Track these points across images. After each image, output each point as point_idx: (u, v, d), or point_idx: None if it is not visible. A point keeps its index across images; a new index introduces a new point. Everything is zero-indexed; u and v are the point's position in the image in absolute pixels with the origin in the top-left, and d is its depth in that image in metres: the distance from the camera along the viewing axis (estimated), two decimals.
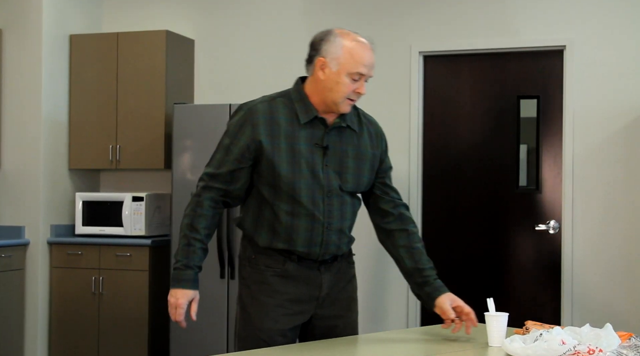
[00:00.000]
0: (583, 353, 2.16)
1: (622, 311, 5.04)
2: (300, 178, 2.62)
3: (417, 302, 5.49)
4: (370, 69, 2.63)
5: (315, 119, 2.66)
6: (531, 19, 5.29)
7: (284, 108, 2.67)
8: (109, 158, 5.80)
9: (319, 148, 2.65)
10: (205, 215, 2.68)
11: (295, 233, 2.66)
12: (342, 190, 2.69)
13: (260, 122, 2.63)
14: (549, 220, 5.26)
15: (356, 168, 2.72)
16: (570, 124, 5.19)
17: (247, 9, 5.91)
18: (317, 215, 2.65)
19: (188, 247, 2.70)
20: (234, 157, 2.65)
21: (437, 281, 2.82)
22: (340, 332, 2.78)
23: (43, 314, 5.64)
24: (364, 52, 2.61)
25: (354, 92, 2.62)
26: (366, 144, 2.75)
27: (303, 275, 2.71)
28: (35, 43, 5.62)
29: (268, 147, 2.61)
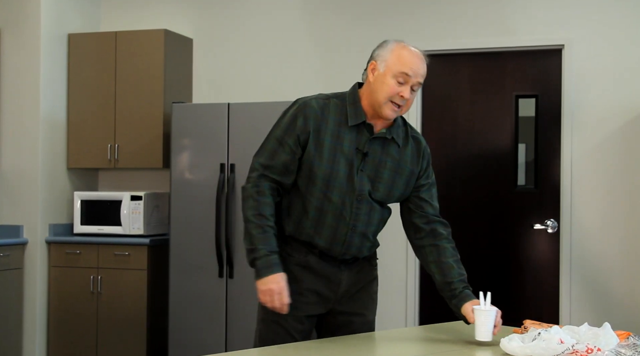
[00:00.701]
0: (581, 352, 2.16)
1: (620, 311, 5.05)
2: (336, 177, 2.68)
3: (415, 301, 5.49)
4: (416, 74, 2.66)
5: (363, 124, 2.71)
6: (530, 19, 5.29)
7: (336, 108, 2.72)
8: (108, 157, 5.79)
9: (359, 153, 2.70)
10: (269, 203, 2.71)
11: (320, 228, 2.72)
12: (371, 197, 2.73)
13: (311, 115, 2.69)
14: (548, 220, 5.26)
15: (390, 180, 2.75)
16: (568, 123, 5.19)
17: (246, 8, 5.91)
18: (344, 215, 2.71)
19: (264, 234, 2.67)
20: (288, 149, 2.69)
21: (463, 291, 2.80)
22: (356, 329, 2.83)
23: (41, 313, 5.63)
24: (412, 57, 2.68)
25: (398, 96, 2.64)
26: (407, 160, 2.78)
27: (323, 269, 2.77)
28: (34, 42, 5.62)
29: (313, 140, 2.67)
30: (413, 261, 5.47)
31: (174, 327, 5.29)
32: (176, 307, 5.28)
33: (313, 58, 5.70)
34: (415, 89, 2.68)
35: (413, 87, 2.66)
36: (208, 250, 5.20)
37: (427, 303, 5.51)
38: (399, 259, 5.50)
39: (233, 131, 5.20)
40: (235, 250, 5.13)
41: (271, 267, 2.65)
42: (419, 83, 2.68)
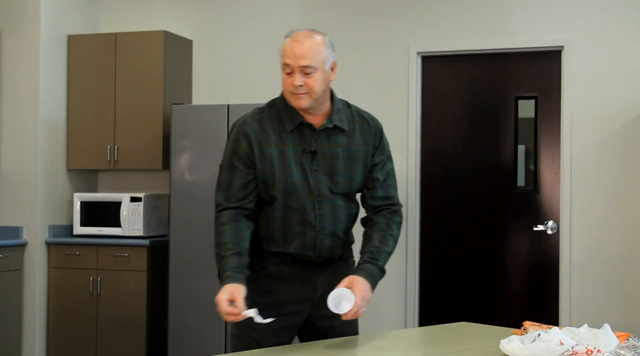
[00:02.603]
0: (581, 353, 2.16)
1: (620, 312, 5.05)
2: (291, 185, 2.66)
3: (415, 303, 5.49)
4: (295, 58, 2.59)
5: (302, 125, 2.69)
6: (529, 20, 5.29)
7: (272, 117, 2.72)
8: (107, 158, 5.79)
9: (308, 154, 2.68)
10: (226, 229, 2.67)
11: (289, 237, 2.71)
12: (333, 193, 2.70)
13: (250, 134, 2.69)
14: (547, 221, 5.26)
15: (347, 169, 2.72)
16: (568, 124, 5.19)
17: (245, 9, 5.91)
18: (308, 220, 2.69)
19: (222, 261, 2.63)
20: (240, 173, 2.70)
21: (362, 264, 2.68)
22: (339, 332, 2.78)
23: (41, 314, 5.63)
24: (290, 44, 2.62)
25: (292, 86, 2.61)
26: (358, 142, 2.75)
27: (297, 276, 2.75)
28: (33, 43, 5.62)
29: (259, 156, 2.67)
30: (413, 262, 5.47)
31: (173, 328, 5.29)
32: (176, 308, 5.28)
33: None
34: (308, 72, 2.60)
35: (305, 71, 2.59)
36: (208, 251, 5.15)
37: (427, 304, 5.51)
38: (399, 260, 5.50)
39: None
40: None
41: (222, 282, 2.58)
42: (307, 66, 2.59)
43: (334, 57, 2.69)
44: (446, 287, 5.47)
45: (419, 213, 5.51)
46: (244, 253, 2.66)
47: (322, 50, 2.64)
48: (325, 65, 2.64)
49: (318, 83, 2.63)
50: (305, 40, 2.62)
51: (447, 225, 5.49)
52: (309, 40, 2.62)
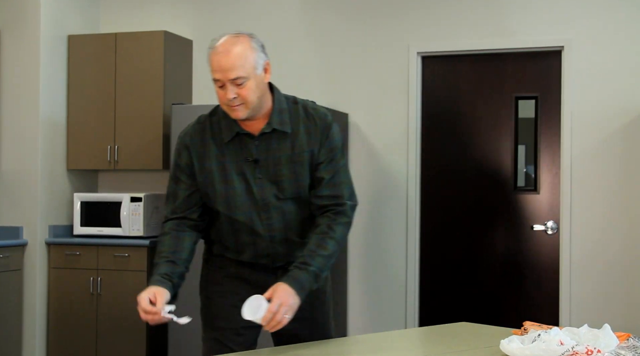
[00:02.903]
0: (581, 353, 2.16)
1: (620, 312, 5.05)
2: (235, 196, 2.59)
3: (415, 303, 5.49)
4: (224, 72, 2.47)
5: (239, 134, 2.59)
6: (529, 20, 5.29)
7: (212, 127, 2.63)
8: (107, 158, 5.79)
9: (249, 162, 2.58)
10: (166, 239, 2.64)
11: (241, 247, 2.67)
12: (281, 200, 2.60)
13: (190, 145, 2.62)
14: (547, 221, 5.26)
15: (292, 174, 2.59)
16: (568, 125, 5.19)
17: (245, 9, 5.91)
18: (257, 230, 2.62)
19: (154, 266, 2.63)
20: (184, 185, 2.64)
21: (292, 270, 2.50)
22: (305, 335, 2.70)
23: (41, 315, 5.63)
24: (216, 57, 2.48)
25: (225, 99, 2.50)
26: (302, 143, 2.60)
27: (257, 279, 2.69)
28: (33, 43, 5.62)
29: (199, 169, 2.61)
30: (413, 262, 5.47)
31: (173, 329, 5.28)
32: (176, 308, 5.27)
33: (312, 59, 5.70)
34: (240, 83, 2.47)
35: (236, 83, 2.47)
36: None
37: (427, 304, 5.51)
38: (399, 260, 5.50)
39: None
40: None
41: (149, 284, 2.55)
42: (236, 77, 2.46)
43: (265, 58, 2.56)
44: (446, 287, 5.47)
45: (419, 213, 5.51)
46: (179, 262, 2.61)
47: (250, 56, 2.49)
48: (256, 70, 2.51)
49: (252, 91, 2.50)
50: (231, 50, 2.47)
51: (447, 225, 5.50)
52: (234, 49, 2.47)
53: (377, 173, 5.58)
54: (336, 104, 5.59)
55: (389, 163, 5.54)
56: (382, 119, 5.58)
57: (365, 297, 5.56)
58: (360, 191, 5.58)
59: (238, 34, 2.54)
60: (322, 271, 2.51)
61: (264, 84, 2.56)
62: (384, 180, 5.57)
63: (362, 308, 5.57)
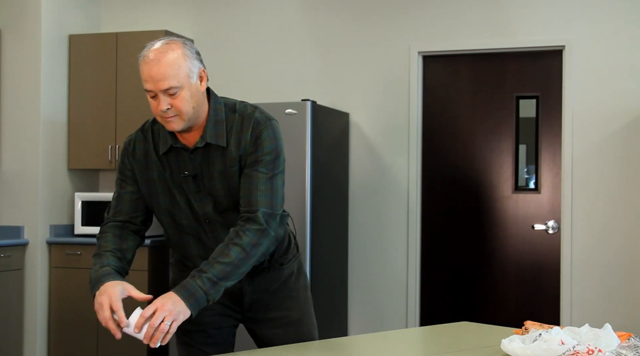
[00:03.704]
0: (582, 353, 2.16)
1: (621, 311, 5.05)
2: (179, 209, 2.49)
3: (416, 302, 5.49)
4: (155, 82, 2.34)
5: (173, 148, 2.45)
6: (530, 19, 5.29)
7: (154, 136, 2.50)
8: (108, 158, 5.80)
9: (188, 177, 2.45)
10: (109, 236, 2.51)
11: (196, 259, 2.55)
12: (221, 213, 2.48)
13: (135, 154, 2.51)
14: (548, 220, 5.26)
15: (226, 189, 2.45)
16: (569, 124, 5.19)
17: (246, 8, 5.91)
18: (205, 242, 2.52)
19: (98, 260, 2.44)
20: (130, 188, 2.53)
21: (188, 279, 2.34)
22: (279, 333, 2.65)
23: (42, 314, 5.63)
24: (147, 66, 2.38)
25: (159, 110, 2.35)
26: (232, 157, 2.43)
27: None
28: (34, 43, 5.62)
29: (142, 179, 2.51)
30: (414, 262, 5.47)
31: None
32: None
33: (313, 58, 5.70)
34: (173, 93, 2.32)
35: (169, 93, 2.33)
36: None
37: (428, 303, 5.51)
38: (400, 260, 5.50)
39: None
40: None
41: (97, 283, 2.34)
42: (169, 87, 2.32)
43: (199, 65, 2.40)
44: (447, 287, 5.47)
45: (420, 212, 5.51)
46: (123, 260, 2.49)
47: (183, 65, 2.34)
48: (190, 79, 2.35)
49: (186, 102, 2.33)
50: (161, 59, 2.34)
51: (448, 225, 5.50)
52: (165, 58, 2.34)
53: (377, 172, 5.58)
54: (337, 104, 5.59)
55: (389, 162, 5.54)
56: (383, 119, 5.58)
57: (366, 296, 5.56)
58: (361, 190, 5.61)
59: (170, 41, 2.40)
60: (221, 279, 2.29)
61: (199, 93, 2.39)
62: (384, 179, 5.57)
63: (362, 307, 5.57)
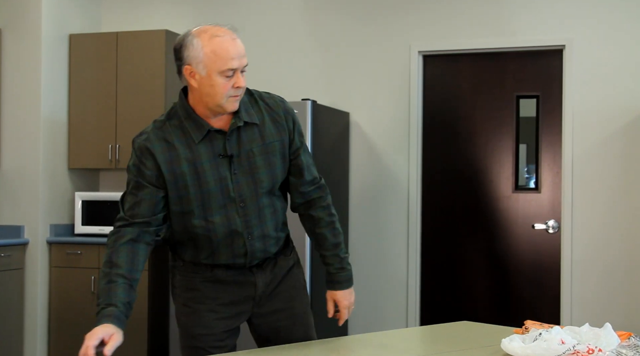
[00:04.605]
0: (582, 352, 2.16)
1: (621, 311, 5.05)
2: (210, 197, 2.50)
3: (416, 302, 5.49)
4: (240, 59, 2.40)
5: (210, 132, 2.49)
6: (531, 19, 5.29)
7: (176, 130, 2.52)
8: (109, 157, 5.80)
9: (224, 159, 2.50)
10: (125, 249, 2.50)
11: (217, 250, 2.58)
12: (258, 194, 2.54)
13: (157, 151, 2.51)
14: (548, 220, 5.26)
15: (267, 164, 2.54)
16: (569, 124, 5.19)
17: (246, 8, 5.91)
18: (235, 229, 2.54)
19: (108, 284, 2.43)
20: (149, 191, 2.51)
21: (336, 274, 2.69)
22: (286, 325, 2.69)
23: (42, 313, 5.64)
24: (227, 44, 2.39)
25: (234, 88, 2.41)
26: (271, 133, 2.55)
27: (234, 278, 2.64)
28: (35, 43, 5.62)
29: (170, 175, 2.49)
30: (414, 261, 5.47)
31: (174, 327, 5.28)
32: None
33: (313, 57, 5.71)
34: (243, 71, 2.43)
35: (243, 70, 2.43)
36: None
37: (428, 303, 5.51)
38: (400, 259, 5.50)
39: None
40: None
41: (99, 321, 2.43)
42: (247, 64, 2.43)
43: None
44: (447, 286, 5.47)
45: (420, 211, 5.51)
46: (134, 285, 2.48)
47: None
48: None
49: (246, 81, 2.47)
50: (236, 38, 2.42)
51: (448, 224, 5.50)
52: (237, 36, 2.43)
53: (378, 171, 5.58)
54: (337, 103, 5.59)
55: (390, 162, 5.54)
56: (383, 118, 5.58)
57: (367, 296, 5.56)
58: (361, 190, 5.61)
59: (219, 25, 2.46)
60: (346, 251, 2.73)
61: None
62: (385, 178, 5.57)
63: (363, 306, 5.57)
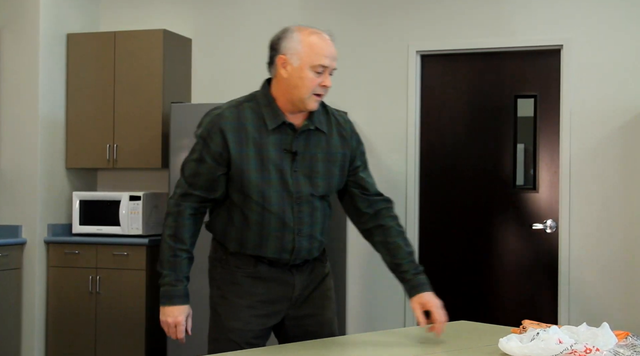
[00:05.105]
0: (580, 352, 2.16)
1: (619, 310, 5.05)
2: (270, 186, 2.57)
3: None
4: (332, 60, 2.55)
5: (284, 124, 2.59)
6: (528, 19, 5.29)
7: (252, 113, 2.59)
8: (106, 157, 5.79)
9: (288, 154, 2.59)
10: (188, 224, 2.65)
11: (265, 240, 2.63)
12: (312, 195, 2.63)
13: (227, 128, 2.56)
14: (546, 219, 5.26)
15: (326, 171, 2.65)
16: (567, 123, 5.19)
17: (245, 8, 5.91)
18: (287, 222, 2.61)
19: (174, 259, 2.66)
20: (209, 166, 2.58)
21: (414, 278, 2.68)
22: (314, 331, 2.74)
23: (40, 313, 5.63)
24: (324, 43, 2.54)
25: (320, 86, 2.54)
26: (336, 145, 2.68)
27: (275, 276, 2.69)
28: (33, 42, 5.62)
29: (236, 155, 2.55)
30: None
31: None
32: None
33: None
34: (330, 75, 2.56)
35: (331, 74, 2.57)
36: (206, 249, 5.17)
37: None
38: None
39: None
40: None
41: (172, 299, 2.68)
42: (335, 68, 2.58)
43: None
44: (445, 285, 5.47)
45: (418, 211, 5.51)
46: (193, 256, 2.74)
47: None
48: None
49: None
50: (332, 41, 2.58)
51: (446, 224, 5.50)
52: (333, 41, 2.59)
53: (375, 171, 5.52)
54: (335, 102, 5.56)
55: (388, 161, 5.54)
56: (381, 118, 5.58)
57: (364, 296, 5.56)
58: None
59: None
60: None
61: None
62: (382, 178, 5.55)
63: (361, 306, 5.57)
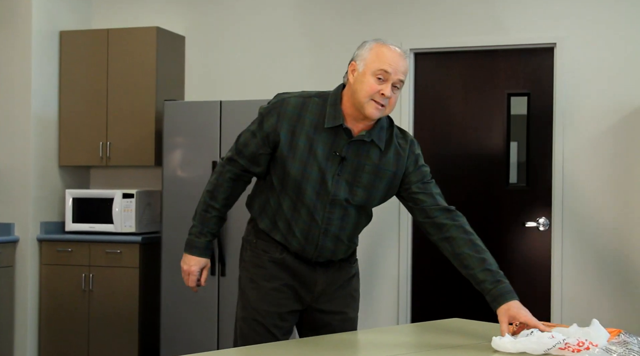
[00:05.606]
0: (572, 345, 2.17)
1: (611, 308, 5.07)
2: (308, 180, 2.63)
3: (407, 298, 5.50)
4: (396, 70, 2.56)
5: (340, 127, 2.63)
6: (522, 17, 5.30)
7: (316, 108, 2.66)
8: (99, 155, 5.78)
9: (337, 157, 2.63)
10: (226, 186, 2.78)
11: (293, 229, 2.70)
12: (348, 202, 2.67)
13: (286, 115, 2.64)
14: (539, 217, 5.27)
15: (369, 184, 2.68)
16: (560, 122, 5.20)
17: (238, 5, 5.90)
18: (316, 218, 2.67)
19: (205, 213, 2.81)
20: (257, 142, 2.69)
21: (494, 289, 2.62)
22: (336, 328, 2.81)
23: (33, 311, 5.62)
24: (391, 54, 2.58)
25: (379, 94, 2.55)
26: (389, 162, 2.69)
27: (299, 269, 2.76)
28: (25, 39, 5.60)
29: (285, 142, 2.63)
30: (405, 258, 5.47)
31: (165, 325, 5.28)
32: (168, 305, 5.28)
33: (305, 56, 5.70)
34: (398, 87, 2.58)
35: (395, 85, 2.57)
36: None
37: (419, 300, 5.51)
38: (391, 256, 5.50)
39: (225, 129, 5.19)
40: (228, 248, 5.13)
41: (192, 249, 2.83)
42: (400, 81, 2.58)
43: None
44: (438, 283, 5.48)
45: None
46: (225, 217, 2.85)
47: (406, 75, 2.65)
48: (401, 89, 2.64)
49: (395, 101, 2.62)
50: (404, 58, 2.62)
51: None
52: (406, 60, 2.63)
53: None
54: None
55: None
56: None
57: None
58: None
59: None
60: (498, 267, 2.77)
61: None
62: None
63: None
